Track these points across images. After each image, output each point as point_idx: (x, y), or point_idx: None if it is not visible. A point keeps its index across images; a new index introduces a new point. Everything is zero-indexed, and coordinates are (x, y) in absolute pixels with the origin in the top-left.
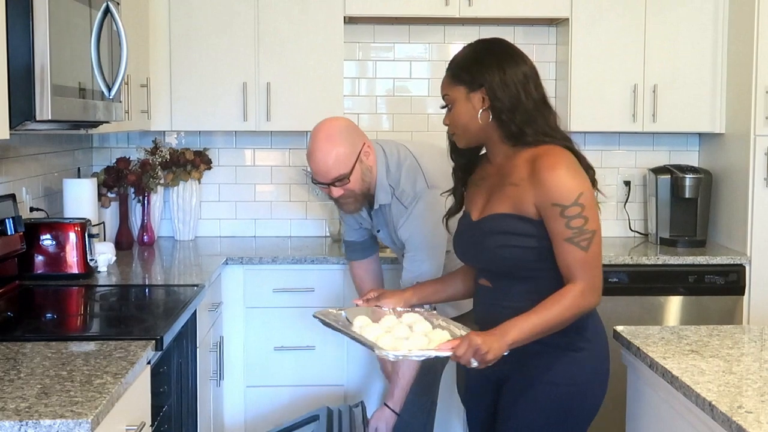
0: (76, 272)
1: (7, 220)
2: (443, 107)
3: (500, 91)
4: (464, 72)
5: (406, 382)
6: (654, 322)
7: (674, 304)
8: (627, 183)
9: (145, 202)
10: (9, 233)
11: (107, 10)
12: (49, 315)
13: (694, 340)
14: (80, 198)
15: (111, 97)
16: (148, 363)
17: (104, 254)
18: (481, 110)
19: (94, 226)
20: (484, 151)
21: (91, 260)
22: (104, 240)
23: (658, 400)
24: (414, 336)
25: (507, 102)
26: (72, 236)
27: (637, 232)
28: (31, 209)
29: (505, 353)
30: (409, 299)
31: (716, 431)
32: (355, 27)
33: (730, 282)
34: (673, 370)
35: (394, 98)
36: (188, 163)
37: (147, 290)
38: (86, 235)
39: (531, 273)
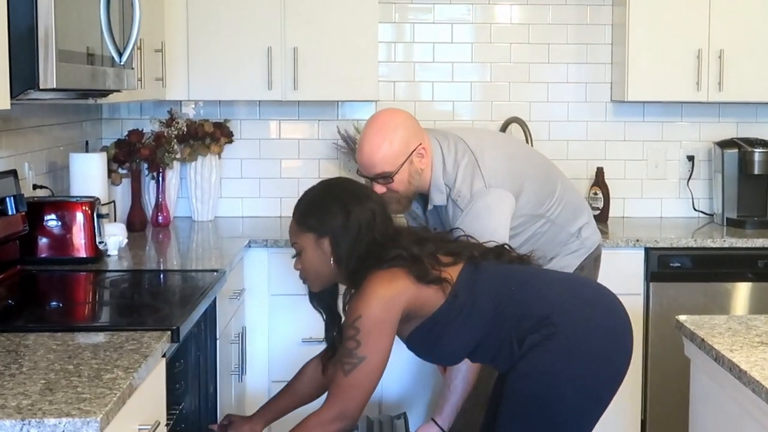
0: (84, 256)
1: (7, 199)
2: (294, 256)
3: (342, 237)
4: (310, 218)
5: (458, 397)
6: (720, 310)
7: (742, 291)
8: (690, 158)
9: (160, 178)
10: (10, 213)
11: None
12: (54, 303)
13: (765, 330)
14: (88, 174)
15: (122, 64)
16: (163, 356)
17: (115, 236)
18: (332, 256)
19: (103, 205)
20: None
21: (100, 243)
22: (115, 221)
23: (725, 396)
24: None
25: (345, 248)
26: (79, 216)
27: (702, 211)
28: (35, 187)
29: None
30: (259, 423)
31: None
32: None
33: None
34: (741, 363)
35: (434, 65)
36: (207, 135)
37: (162, 276)
38: (95, 215)
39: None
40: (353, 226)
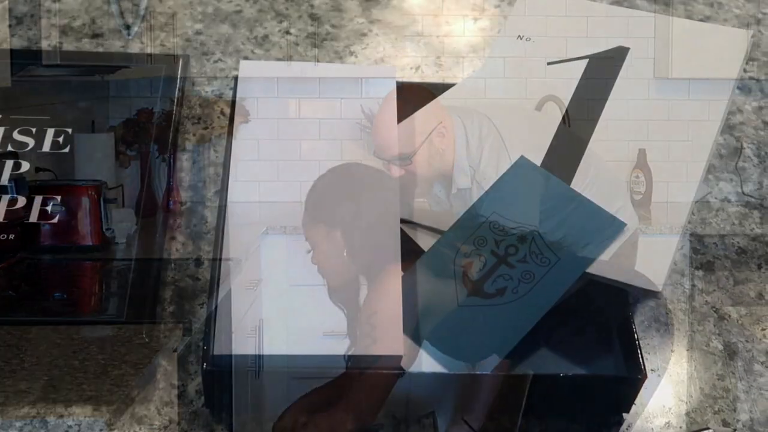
0: (90, 244)
1: (7, 182)
2: (309, 251)
3: (354, 227)
4: (319, 209)
5: (488, 396)
6: None
7: None
8: (739, 139)
9: (171, 161)
10: (10, 197)
11: None
12: (57, 294)
13: None
14: (94, 156)
15: (130, 37)
16: (175, 351)
17: (123, 222)
18: (345, 248)
19: (110, 189)
20: None
21: (107, 230)
22: (123, 206)
23: None
24: None
25: (359, 238)
26: (84, 201)
27: (751, 196)
28: (36, 169)
29: None
30: None
31: None
32: None
33: None
34: None
35: (463, 38)
36: (221, 115)
37: (173, 265)
38: (101, 199)
39: None
40: (365, 215)
